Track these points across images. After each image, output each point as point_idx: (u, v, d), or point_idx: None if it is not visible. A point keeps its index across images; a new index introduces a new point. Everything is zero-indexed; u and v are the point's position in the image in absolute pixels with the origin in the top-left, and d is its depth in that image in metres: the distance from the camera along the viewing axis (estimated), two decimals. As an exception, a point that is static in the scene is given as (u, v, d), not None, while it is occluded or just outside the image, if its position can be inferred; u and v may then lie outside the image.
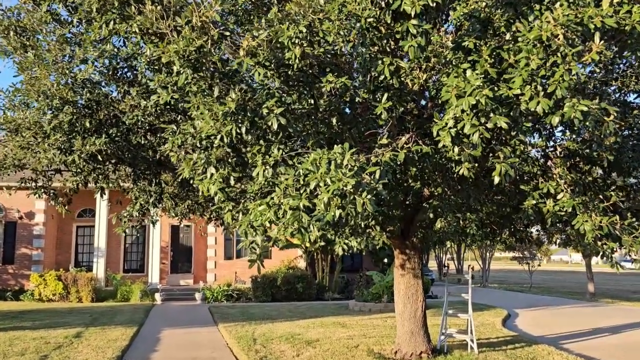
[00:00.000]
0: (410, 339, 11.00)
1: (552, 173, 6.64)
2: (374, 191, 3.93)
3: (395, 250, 11.25)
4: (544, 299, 27.20)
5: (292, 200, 4.47)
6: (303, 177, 4.48)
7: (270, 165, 5.13)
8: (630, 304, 25.19)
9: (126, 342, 13.11)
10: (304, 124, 5.95)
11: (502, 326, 16.60)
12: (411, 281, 11.09)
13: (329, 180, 3.97)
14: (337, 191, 3.90)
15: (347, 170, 3.98)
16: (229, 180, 5.64)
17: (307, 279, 25.48)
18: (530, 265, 36.20)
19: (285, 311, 20.11)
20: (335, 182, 3.94)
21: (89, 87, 7.88)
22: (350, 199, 3.83)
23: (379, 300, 21.10)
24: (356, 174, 3.97)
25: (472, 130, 4.64)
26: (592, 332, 15.96)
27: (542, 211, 6.41)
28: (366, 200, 3.83)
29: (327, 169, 4.11)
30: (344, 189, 3.85)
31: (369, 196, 3.86)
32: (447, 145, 4.95)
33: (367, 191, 3.86)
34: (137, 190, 9.53)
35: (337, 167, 4.05)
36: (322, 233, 4.91)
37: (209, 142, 5.50)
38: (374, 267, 28.24)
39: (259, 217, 4.76)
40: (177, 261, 30.36)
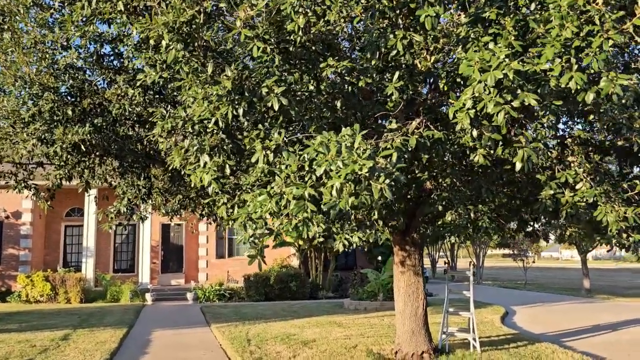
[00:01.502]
0: (411, 339, 10.60)
1: (568, 161, 6.27)
2: (392, 176, 3.50)
3: (395, 246, 10.85)
4: (540, 296, 26.98)
5: (296, 189, 4.04)
6: (309, 162, 4.06)
7: (272, 150, 4.68)
8: (626, 300, 25.03)
9: (115, 344, 12.61)
10: (306, 107, 5.51)
11: (502, 324, 16.29)
12: (412, 279, 10.70)
13: (341, 163, 3.52)
14: (351, 176, 3.47)
15: (361, 152, 3.56)
16: (224, 169, 5.18)
17: (301, 277, 25.06)
18: (525, 262, 36.00)
19: (279, 310, 19.68)
20: (349, 164, 3.50)
21: (72, 74, 7.39)
22: (364, 185, 3.40)
23: (374, 298, 20.73)
24: (370, 157, 3.55)
25: (496, 109, 4.23)
26: (592, 329, 15.68)
27: (559, 202, 6.03)
28: (384, 186, 3.38)
29: (338, 151, 3.68)
30: (359, 173, 3.42)
31: (387, 181, 3.42)
32: (466, 128, 4.54)
33: (384, 175, 3.43)
34: (125, 185, 9.03)
35: (348, 150, 3.63)
36: (326, 226, 4.48)
37: (202, 126, 5.04)
38: (368, 265, 27.89)
39: (258, 209, 4.32)
40: (168, 260, 29.82)
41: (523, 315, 19.25)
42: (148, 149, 8.70)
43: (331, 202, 3.50)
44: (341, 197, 3.43)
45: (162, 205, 10.29)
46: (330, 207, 3.49)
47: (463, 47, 4.94)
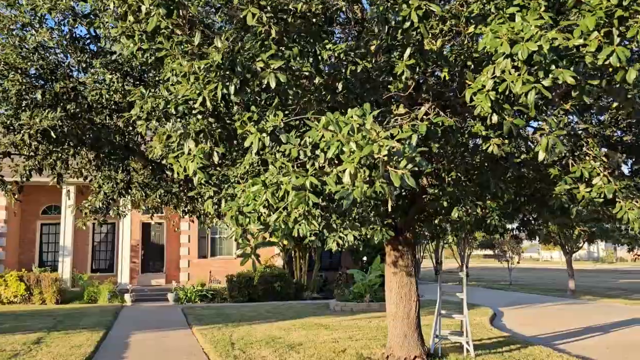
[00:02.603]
0: (404, 343, 10.17)
1: (583, 154, 5.87)
2: (414, 161, 3.00)
3: (387, 246, 10.41)
4: (526, 297, 26.83)
5: (296, 178, 3.54)
6: (311, 147, 3.56)
7: (268, 133, 4.14)
8: (611, 301, 24.97)
9: (91, 348, 11.96)
10: (305, 87, 5.00)
11: (491, 326, 15.97)
12: (404, 280, 10.27)
13: (354, 145, 3.00)
14: (366, 160, 2.96)
15: (376, 133, 3.06)
16: (212, 157, 4.64)
17: (285, 277, 24.53)
18: (509, 263, 35.95)
19: (263, 312, 19.13)
20: (366, 146, 2.99)
21: (42, 54, 6.77)
22: (382, 171, 2.90)
23: (361, 300, 20.30)
24: (389, 138, 3.06)
25: (525, 88, 3.77)
26: (583, 331, 15.44)
27: (575, 198, 5.63)
28: (406, 173, 2.88)
29: (351, 130, 3.16)
30: (376, 157, 2.92)
31: (409, 166, 2.92)
32: (485, 112, 4.07)
33: (406, 160, 2.93)
34: (101, 178, 8.39)
35: (365, 129, 3.12)
36: (325, 223, 3.99)
37: (187, 107, 4.47)
38: (353, 265, 27.45)
39: (251, 201, 3.80)
40: (149, 260, 29.02)
41: (511, 316, 18.99)
42: (127, 139, 8.09)
43: (343, 191, 2.97)
44: (355, 185, 2.92)
45: (141, 201, 9.66)
46: (342, 197, 2.95)
47: (479, 23, 4.47)
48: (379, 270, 22.25)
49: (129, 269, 26.75)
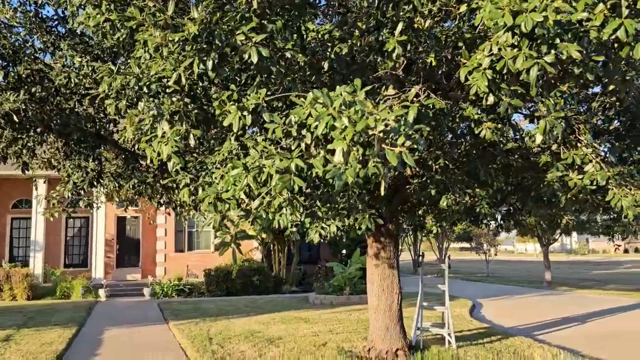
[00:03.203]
0: (385, 335, 10.02)
1: (574, 141, 5.74)
2: (412, 138, 2.75)
3: (369, 238, 10.23)
4: (504, 288, 27.07)
5: (280, 161, 3.27)
6: (297, 125, 3.29)
7: (249, 111, 3.83)
8: (586, 292, 25.35)
9: (63, 345, 11.54)
10: (289, 65, 4.71)
11: (471, 317, 15.98)
12: (386, 272, 10.11)
13: (347, 120, 2.74)
14: (359, 136, 2.70)
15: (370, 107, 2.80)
16: (188, 140, 4.32)
17: (264, 271, 24.23)
18: (487, 255, 36.29)
19: (241, 306, 18.83)
20: (360, 120, 2.73)
21: (4, 33, 6.32)
22: (377, 149, 2.64)
23: (340, 293, 20.14)
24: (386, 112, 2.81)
25: (527, 64, 3.55)
26: (561, 321, 15.55)
27: (567, 185, 5.49)
28: (404, 151, 2.62)
29: (343, 104, 2.89)
30: (371, 133, 2.66)
31: (407, 143, 2.67)
32: (482, 91, 3.84)
33: (404, 136, 2.67)
34: (71, 167, 7.95)
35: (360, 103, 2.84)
36: (310, 210, 3.74)
37: (161, 86, 4.15)
38: (332, 259, 27.30)
39: (231, 186, 3.51)
40: (124, 254, 28.40)
41: (490, 308, 19.07)
42: (98, 127, 7.68)
43: (334, 170, 2.68)
44: (349, 164, 2.65)
45: (114, 193, 9.25)
46: (334, 177, 2.66)
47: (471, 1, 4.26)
48: (358, 263, 22.14)
49: (103, 263, 26.17)
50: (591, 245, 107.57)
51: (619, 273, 42.03)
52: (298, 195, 3.46)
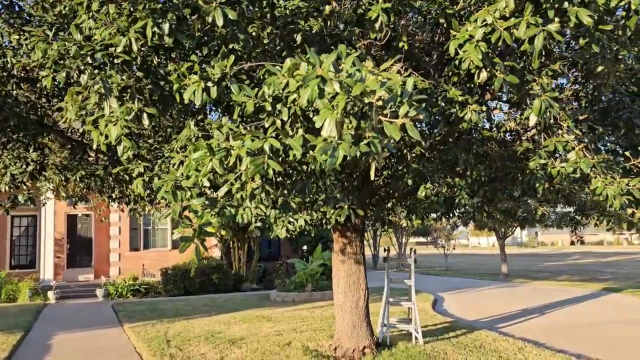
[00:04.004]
0: (352, 333, 9.71)
1: (556, 127, 5.53)
2: (419, 105, 2.31)
3: (335, 233, 9.89)
4: (463, 281, 27.38)
5: (252, 141, 2.83)
6: (272, 99, 2.85)
7: (214, 81, 3.34)
8: (541, 283, 25.93)
9: (6, 353, 10.70)
10: (258, 35, 4.25)
11: (434, 311, 15.93)
12: (352, 268, 9.80)
13: (338, 86, 2.16)
14: (355, 105, 2.25)
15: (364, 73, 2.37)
16: (141, 120, 3.78)
17: (223, 269, 23.60)
18: (445, 249, 36.75)
19: (200, 305, 18.19)
20: (360, 83, 2.13)
21: None
22: (374, 120, 2.22)
23: (302, 289, 19.79)
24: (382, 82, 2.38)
25: (530, 31, 3.23)
26: (521, 313, 15.71)
27: (550, 174, 5.26)
28: (407, 123, 2.26)
29: (332, 68, 2.44)
30: (369, 101, 2.21)
31: (412, 112, 2.26)
32: (475, 64, 3.51)
33: (407, 103, 2.24)
34: (8, 158, 7.17)
35: (355, 64, 2.41)
36: (283, 200, 3.33)
37: (107, 55, 3.58)
38: (293, 255, 26.92)
39: (192, 171, 3.04)
40: (75, 254, 27.09)
41: (452, 301, 19.14)
42: (41, 114, 6.98)
43: (324, 145, 2.27)
44: (342, 139, 2.22)
45: (61, 187, 8.53)
46: (325, 153, 2.22)
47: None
48: (320, 259, 21.87)
49: (52, 264, 24.95)
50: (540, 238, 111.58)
51: (568, 264, 43.48)
52: (272, 182, 3.05)
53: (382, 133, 2.12)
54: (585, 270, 35.66)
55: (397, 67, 4.44)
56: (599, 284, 24.43)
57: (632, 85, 5.83)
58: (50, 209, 25.49)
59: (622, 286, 22.90)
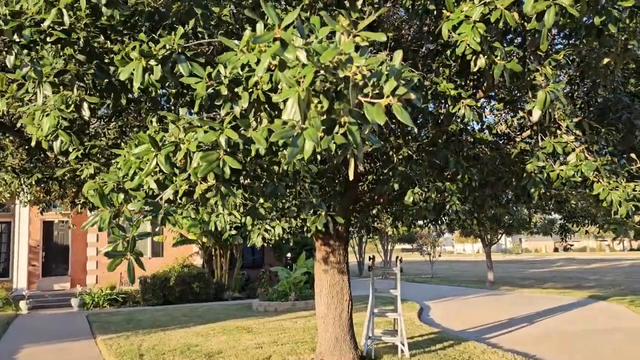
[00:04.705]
0: (335, 346, 9.22)
1: (554, 127, 5.14)
2: (407, 84, 1.83)
3: (317, 241, 9.41)
4: (450, 290, 27.03)
5: (204, 133, 2.35)
6: (228, 81, 2.37)
7: (158, 59, 2.83)
8: (527, 291, 25.69)
9: (-35, 369, 10.02)
10: (219, 14, 3.74)
11: (420, 321, 15.49)
12: (336, 277, 9.32)
13: (304, 55, 1.63)
14: (326, 78, 1.77)
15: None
16: (80, 110, 3.26)
17: (205, 277, 22.93)
18: (431, 256, 36.45)
19: (179, 316, 17.55)
20: (332, 48, 1.63)
21: None
22: (352, 100, 1.69)
23: (285, 299, 19.23)
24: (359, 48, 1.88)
25: (540, 5, 2.79)
26: (509, 322, 15.34)
27: (549, 177, 4.86)
28: (395, 103, 1.55)
29: (297, 32, 1.94)
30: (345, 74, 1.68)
31: (401, 90, 1.76)
32: (472, 48, 3.06)
33: (394, 79, 1.76)
34: None
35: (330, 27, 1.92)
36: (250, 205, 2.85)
37: (38, 32, 3.05)
38: (276, 263, 26.34)
39: (134, 168, 2.56)
40: (51, 262, 26.21)
41: (438, 310, 18.74)
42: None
43: (285, 131, 1.76)
44: (310, 123, 1.72)
45: (21, 191, 7.92)
46: (285, 138, 1.72)
47: None
48: (304, 267, 21.34)
49: (26, 272, 24.10)
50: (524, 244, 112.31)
51: (553, 271, 43.50)
52: (232, 185, 2.57)
53: (362, 118, 1.65)
54: (570, 277, 35.61)
55: (383, 55, 3.99)
56: (584, 291, 24.25)
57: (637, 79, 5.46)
58: (25, 215, 24.67)
59: (607, 294, 22.73)
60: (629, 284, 28.48)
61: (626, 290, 24.35)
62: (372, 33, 1.55)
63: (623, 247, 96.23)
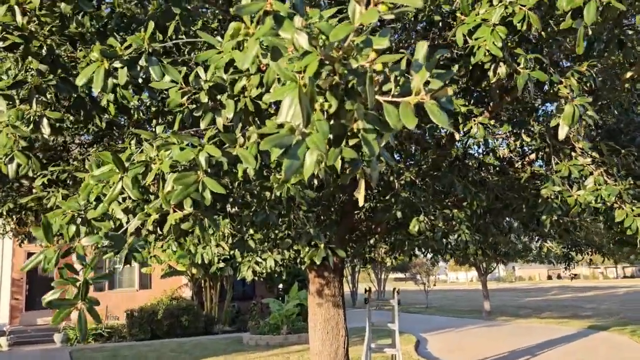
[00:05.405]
0: (331, 386, 8.66)
1: (568, 149, 4.81)
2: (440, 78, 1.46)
3: (311, 272, 8.94)
4: (446, 320, 26.40)
5: (180, 150, 1.95)
6: (209, 86, 1.99)
7: (124, 61, 2.37)
8: (525, 321, 25.16)
9: None
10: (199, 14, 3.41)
11: (418, 355, 14.91)
12: (331, 311, 8.81)
13: (305, 40, 1.22)
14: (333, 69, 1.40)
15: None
16: (40, 127, 2.82)
17: (194, 310, 22.18)
18: (426, 286, 35.85)
19: (167, 351, 16.82)
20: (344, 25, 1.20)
21: None
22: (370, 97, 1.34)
23: (277, 332, 18.56)
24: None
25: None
26: (510, 355, 14.81)
27: (566, 203, 4.51)
28: (427, 101, 1.18)
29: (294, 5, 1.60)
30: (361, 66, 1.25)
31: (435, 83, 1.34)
32: (491, 55, 2.69)
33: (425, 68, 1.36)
34: None
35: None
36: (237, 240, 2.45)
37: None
38: (268, 294, 25.62)
39: (95, 194, 2.16)
40: (35, 296, 25.32)
41: (435, 342, 18.13)
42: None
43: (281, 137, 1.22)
44: (315, 127, 1.16)
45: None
46: (281, 147, 1.32)
47: None
48: (297, 298, 20.73)
49: (9, 306, 23.25)
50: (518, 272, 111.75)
51: (549, 300, 42.99)
52: (217, 213, 2.18)
53: (380, 124, 1.27)
54: (566, 306, 35.11)
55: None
56: (582, 321, 23.77)
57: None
58: (8, 247, 23.94)
59: (607, 323, 22.25)
60: (626, 312, 28.03)
61: (625, 320, 23.89)
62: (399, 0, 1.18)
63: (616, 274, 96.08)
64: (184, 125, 2.53)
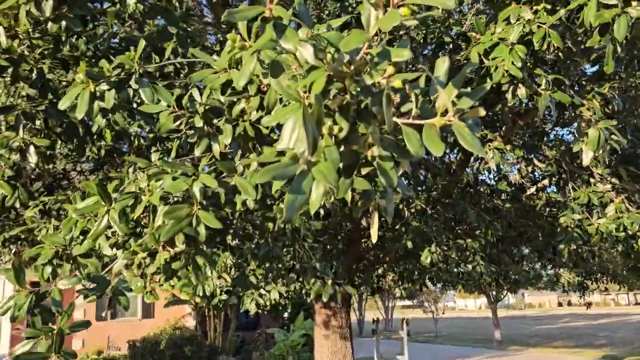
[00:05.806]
0: (338, 423, 8.32)
1: (586, 175, 4.64)
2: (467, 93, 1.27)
3: (316, 303, 8.67)
4: (456, 350, 25.78)
5: (172, 180, 1.79)
6: (204, 109, 1.83)
7: (111, 83, 2.17)
8: (537, 351, 24.54)
9: None
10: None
11: (428, 388, 14.44)
12: (338, 344, 8.52)
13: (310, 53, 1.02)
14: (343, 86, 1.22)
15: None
16: (26, 154, 2.69)
17: (197, 340, 21.74)
18: (435, 314, 35.19)
19: (169, 383, 16.39)
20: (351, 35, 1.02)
21: None
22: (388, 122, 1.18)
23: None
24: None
25: (608, 14, 2.26)
26: (523, 388, 14.31)
27: (586, 232, 4.32)
28: (456, 124, 0.99)
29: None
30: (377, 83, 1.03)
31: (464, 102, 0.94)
32: (512, 75, 2.53)
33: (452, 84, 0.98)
34: None
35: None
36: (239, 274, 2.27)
37: None
38: (273, 324, 25.14)
39: (79, 229, 2.00)
40: (37, 325, 25.04)
41: (446, 374, 17.63)
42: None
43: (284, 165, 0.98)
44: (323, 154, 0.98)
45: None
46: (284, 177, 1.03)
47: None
48: (302, 328, 20.30)
49: (9, 337, 22.85)
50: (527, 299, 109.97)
51: (560, 327, 42.08)
52: (216, 246, 2.01)
53: (398, 149, 1.09)
54: (579, 334, 34.30)
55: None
56: (596, 350, 23.13)
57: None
58: (11, 276, 23.79)
59: (621, 353, 21.63)
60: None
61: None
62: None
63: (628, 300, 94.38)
64: (182, 152, 2.38)
